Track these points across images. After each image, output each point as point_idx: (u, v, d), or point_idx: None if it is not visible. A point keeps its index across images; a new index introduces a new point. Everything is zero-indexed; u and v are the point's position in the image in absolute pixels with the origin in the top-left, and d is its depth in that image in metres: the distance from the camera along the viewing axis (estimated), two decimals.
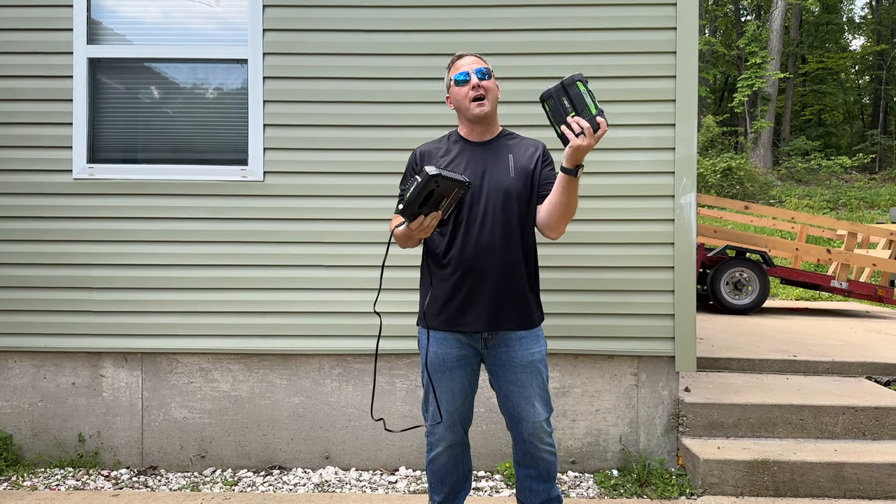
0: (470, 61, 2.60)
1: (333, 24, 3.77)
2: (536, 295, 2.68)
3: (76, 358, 3.89)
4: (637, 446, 3.84)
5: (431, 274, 2.63)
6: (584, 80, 2.27)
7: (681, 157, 3.69)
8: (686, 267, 3.72)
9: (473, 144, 2.65)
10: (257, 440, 3.88)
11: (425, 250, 2.68)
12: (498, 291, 2.54)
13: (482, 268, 2.52)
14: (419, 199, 2.21)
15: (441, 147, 2.69)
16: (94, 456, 3.89)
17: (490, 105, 2.59)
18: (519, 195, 2.57)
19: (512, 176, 2.57)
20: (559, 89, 2.27)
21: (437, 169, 2.17)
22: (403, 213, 2.27)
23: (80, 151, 3.81)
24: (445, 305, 2.57)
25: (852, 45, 31.22)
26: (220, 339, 3.82)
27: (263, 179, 3.79)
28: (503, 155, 2.62)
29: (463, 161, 2.60)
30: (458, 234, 2.55)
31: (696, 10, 3.69)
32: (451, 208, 2.33)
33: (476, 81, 2.55)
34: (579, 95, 2.26)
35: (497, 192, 2.54)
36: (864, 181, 20.44)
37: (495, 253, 2.53)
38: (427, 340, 2.60)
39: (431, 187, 2.19)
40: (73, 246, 3.83)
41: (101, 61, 3.85)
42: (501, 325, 2.56)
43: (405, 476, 3.78)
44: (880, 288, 8.18)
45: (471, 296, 2.54)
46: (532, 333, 2.62)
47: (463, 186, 2.25)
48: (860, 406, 3.81)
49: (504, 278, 2.54)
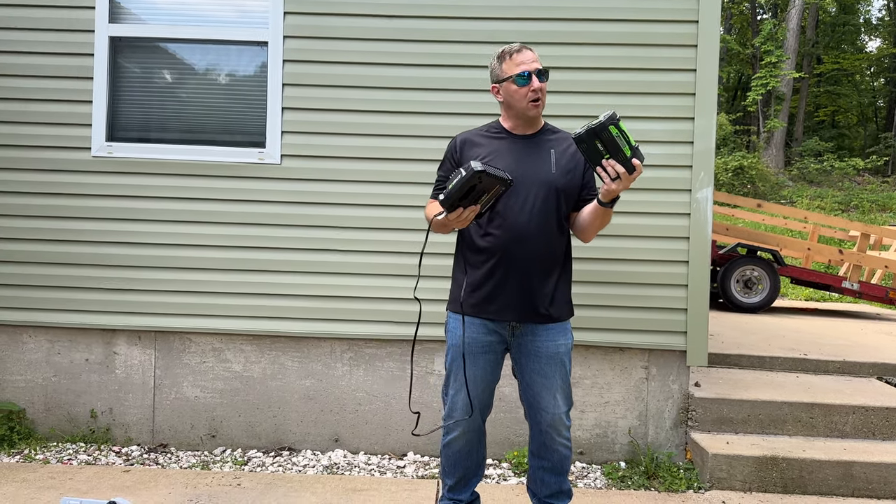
0: (530, 59, 2.56)
1: (355, 9, 3.77)
2: (568, 289, 2.70)
3: (90, 334, 3.92)
4: (645, 439, 3.84)
5: (465, 260, 2.65)
6: (615, 121, 2.21)
7: (699, 151, 3.68)
8: (700, 262, 3.71)
9: (516, 137, 2.65)
10: (268, 421, 3.91)
11: (460, 236, 2.70)
12: (530, 282, 2.55)
13: (516, 257, 2.54)
14: (461, 192, 2.21)
15: (483, 136, 2.68)
16: (105, 432, 3.92)
17: (543, 106, 2.61)
18: (559, 190, 2.58)
19: (554, 172, 2.58)
20: (591, 134, 2.22)
21: (482, 164, 2.16)
22: (443, 203, 2.27)
23: (100, 129, 3.83)
24: (476, 291, 2.59)
25: (868, 47, 30.96)
26: (233, 320, 3.84)
27: (280, 162, 3.80)
28: (545, 150, 2.62)
29: (505, 153, 2.60)
30: (496, 222, 2.55)
31: (719, 3, 3.67)
32: (489, 203, 2.33)
33: (538, 85, 2.54)
34: (612, 140, 2.22)
35: (538, 185, 2.55)
36: (877, 184, 20.31)
37: (530, 244, 2.54)
38: (456, 324, 2.63)
39: (474, 182, 2.18)
40: (89, 223, 3.85)
41: (122, 40, 3.86)
42: (530, 317, 2.57)
43: (413, 461, 3.81)
44: (892, 290, 8.13)
45: (503, 284, 2.55)
46: (560, 325, 2.63)
47: (505, 183, 2.25)
48: (871, 406, 3.80)
49: (537, 270, 2.56)
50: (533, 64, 2.55)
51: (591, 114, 3.54)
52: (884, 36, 30.72)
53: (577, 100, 3.66)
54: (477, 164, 2.15)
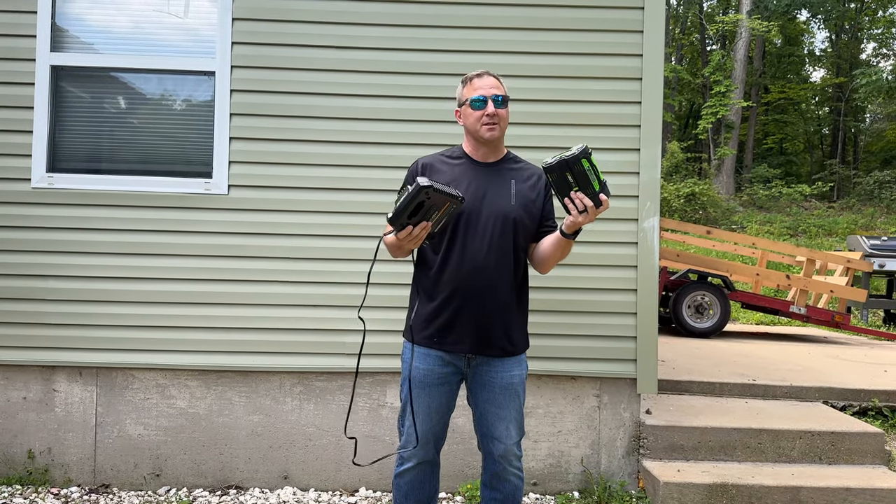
0: (489, 84, 2.58)
1: (303, 40, 3.76)
2: (525, 321, 2.70)
3: (28, 371, 3.78)
4: (598, 468, 3.84)
5: (421, 289, 2.63)
6: (588, 155, 2.25)
7: (645, 181, 3.74)
8: (649, 290, 3.75)
9: (477, 164, 2.65)
10: (214, 459, 3.80)
11: (417, 265, 2.68)
12: (486, 315, 2.54)
13: (473, 289, 2.52)
14: (408, 209, 2.20)
15: (444, 162, 2.67)
16: (43, 473, 3.77)
17: (500, 132, 2.61)
18: (517, 222, 2.57)
19: (513, 203, 2.58)
20: (563, 165, 2.25)
21: (429, 181, 2.16)
22: (391, 220, 2.26)
23: (40, 160, 3.73)
24: (432, 322, 2.57)
25: (813, 77, 32.11)
26: (178, 355, 3.74)
27: (228, 193, 3.75)
28: (506, 180, 2.62)
29: (465, 180, 2.59)
30: (453, 253, 2.54)
31: (662, 37, 3.76)
32: (441, 221, 2.32)
33: (492, 110, 2.55)
34: (583, 173, 2.26)
35: (496, 216, 2.55)
36: (823, 209, 20.92)
37: (487, 276, 2.53)
38: (411, 354, 2.60)
39: (422, 199, 2.18)
40: (29, 256, 3.73)
41: (64, 69, 3.78)
42: (486, 350, 2.57)
43: (365, 497, 3.73)
44: (837, 314, 8.36)
45: (459, 316, 2.54)
46: (516, 357, 2.63)
47: (456, 201, 2.25)
48: (817, 430, 3.87)
49: (494, 302, 2.55)
50: (491, 90, 2.56)
51: (542, 145, 3.58)
52: (827, 66, 31.90)
53: (525, 131, 3.69)
54: (424, 180, 2.15)
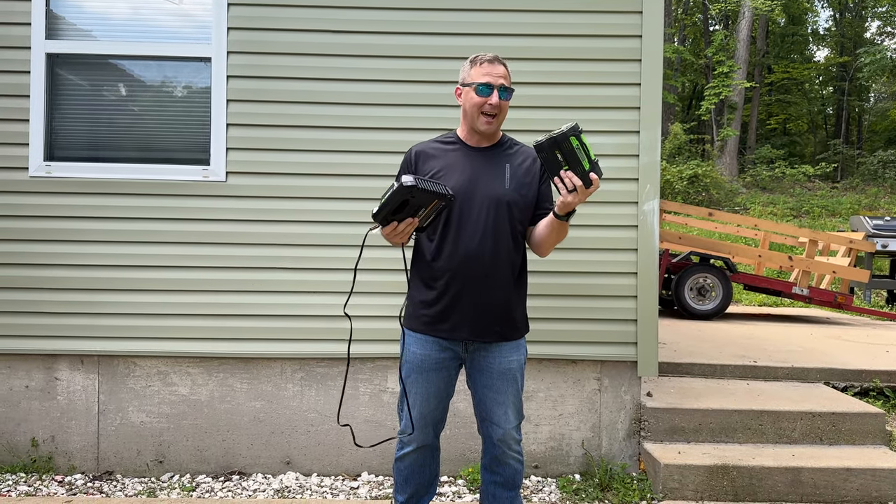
0: (499, 73, 2.52)
1: (300, 24, 3.73)
2: (523, 305, 2.69)
3: (30, 360, 3.79)
4: (599, 451, 3.85)
5: (418, 276, 2.63)
6: (577, 133, 2.22)
7: (644, 164, 3.72)
8: (649, 272, 3.74)
9: (471, 149, 2.62)
10: (216, 445, 3.82)
11: (414, 251, 2.67)
12: (482, 301, 2.53)
13: (468, 275, 2.51)
14: (392, 206, 2.18)
15: (438, 148, 2.65)
16: (47, 461, 3.79)
17: (498, 124, 2.58)
18: (512, 206, 2.55)
19: (507, 187, 2.55)
20: (552, 143, 2.21)
21: (414, 179, 2.12)
22: (375, 216, 2.24)
23: (37, 149, 3.72)
24: (429, 308, 2.57)
25: (816, 57, 31.86)
26: (179, 343, 3.75)
27: (226, 180, 3.74)
28: (500, 164, 2.59)
29: (458, 166, 2.57)
30: (448, 239, 2.52)
31: (662, 18, 3.72)
32: (430, 217, 2.30)
33: (496, 101, 2.51)
34: (572, 151, 2.22)
35: (490, 200, 2.52)
36: (827, 190, 20.86)
37: (483, 262, 2.51)
38: (409, 340, 2.60)
39: (406, 197, 2.15)
40: (28, 245, 3.73)
41: (60, 56, 3.76)
42: (484, 336, 2.56)
43: (367, 481, 3.75)
44: (840, 295, 8.34)
45: (455, 302, 2.53)
46: (514, 342, 2.63)
47: (444, 198, 2.22)
48: (817, 412, 3.87)
49: (491, 288, 2.53)
50: (499, 79, 2.51)
51: (540, 128, 3.55)
52: (831, 46, 31.66)
53: (525, 115, 3.66)
54: (409, 179, 2.12)
